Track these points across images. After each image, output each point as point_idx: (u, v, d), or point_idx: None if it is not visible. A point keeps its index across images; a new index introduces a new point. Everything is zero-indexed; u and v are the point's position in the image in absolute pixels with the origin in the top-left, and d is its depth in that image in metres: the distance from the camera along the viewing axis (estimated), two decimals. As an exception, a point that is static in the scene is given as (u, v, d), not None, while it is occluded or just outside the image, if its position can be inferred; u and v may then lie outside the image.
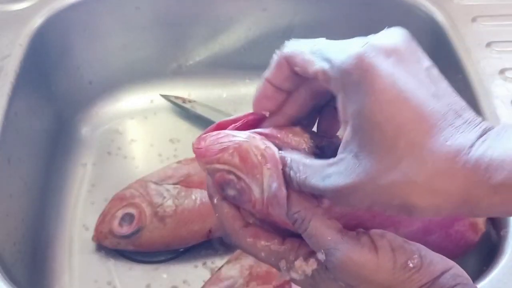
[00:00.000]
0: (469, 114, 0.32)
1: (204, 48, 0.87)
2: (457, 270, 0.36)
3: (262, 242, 0.38)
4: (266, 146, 0.36)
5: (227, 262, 0.64)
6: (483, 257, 0.58)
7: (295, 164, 0.36)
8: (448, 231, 0.53)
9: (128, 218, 0.68)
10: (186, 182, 0.69)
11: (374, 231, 0.36)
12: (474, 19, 0.75)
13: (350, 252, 0.35)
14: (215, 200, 0.39)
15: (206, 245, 0.70)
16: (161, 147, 0.81)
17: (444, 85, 0.34)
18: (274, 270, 0.60)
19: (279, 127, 0.39)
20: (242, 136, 0.37)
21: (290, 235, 0.38)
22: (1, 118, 0.64)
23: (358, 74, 0.32)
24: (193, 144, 0.38)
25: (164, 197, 0.68)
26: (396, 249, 0.35)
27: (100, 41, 0.82)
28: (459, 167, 0.30)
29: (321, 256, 0.36)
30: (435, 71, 0.34)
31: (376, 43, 0.33)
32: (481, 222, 0.57)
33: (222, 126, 0.39)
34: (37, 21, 0.74)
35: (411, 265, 0.35)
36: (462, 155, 0.30)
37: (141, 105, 0.86)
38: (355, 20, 0.83)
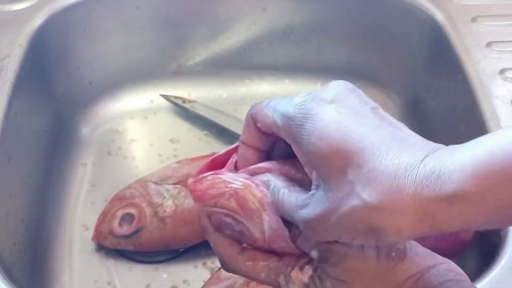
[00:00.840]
0: (416, 138, 0.33)
1: (204, 48, 0.87)
2: (449, 266, 0.37)
3: (261, 263, 0.39)
4: (263, 194, 0.37)
5: (227, 262, 0.64)
6: (483, 257, 0.58)
7: (276, 190, 0.37)
8: (442, 234, 0.53)
9: (128, 218, 0.68)
10: (186, 182, 0.69)
11: None
12: (474, 19, 0.75)
13: (339, 246, 0.36)
14: (209, 232, 0.41)
15: (206, 245, 0.69)
16: (161, 147, 0.81)
17: (390, 119, 0.35)
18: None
19: (283, 160, 0.39)
20: (238, 183, 0.38)
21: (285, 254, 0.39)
22: (1, 118, 0.64)
23: (299, 118, 0.34)
24: (188, 185, 0.39)
25: (164, 197, 0.68)
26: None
27: (100, 41, 0.82)
28: (409, 183, 0.31)
29: (314, 253, 0.37)
30: (382, 111, 0.35)
31: (318, 94, 0.35)
32: None
33: (216, 164, 0.40)
34: (37, 21, 0.74)
35: (393, 254, 0.36)
36: (411, 171, 0.31)
37: (141, 105, 0.86)
38: (355, 20, 0.83)
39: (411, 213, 0.31)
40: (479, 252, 0.61)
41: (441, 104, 0.76)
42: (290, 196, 0.36)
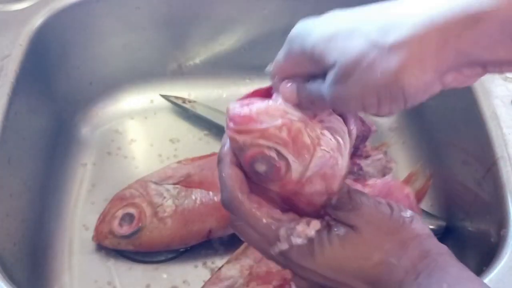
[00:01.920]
0: None
1: (204, 48, 0.87)
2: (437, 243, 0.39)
3: (265, 209, 0.38)
4: (321, 133, 0.37)
5: (227, 262, 0.64)
6: (483, 257, 0.58)
7: (299, 86, 0.38)
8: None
9: (128, 218, 0.68)
10: (186, 182, 0.69)
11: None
12: (474, 19, 0.75)
13: (359, 194, 0.38)
14: (224, 162, 0.39)
15: (206, 245, 0.70)
16: (161, 147, 0.81)
17: None
18: (274, 270, 0.60)
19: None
20: (297, 114, 0.37)
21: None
22: (1, 118, 0.64)
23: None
24: (228, 109, 0.37)
25: (164, 197, 0.68)
26: (392, 203, 0.39)
27: (100, 41, 0.82)
28: (425, 9, 0.32)
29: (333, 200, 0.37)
30: None
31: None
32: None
33: (262, 94, 0.39)
34: (37, 21, 0.74)
35: (403, 214, 0.38)
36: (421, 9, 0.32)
37: (141, 105, 0.86)
38: (355, 20, 0.83)
39: (430, 41, 0.31)
40: (479, 252, 0.61)
41: (441, 104, 0.76)
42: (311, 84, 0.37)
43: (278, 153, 0.36)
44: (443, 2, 0.31)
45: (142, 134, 0.84)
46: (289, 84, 0.38)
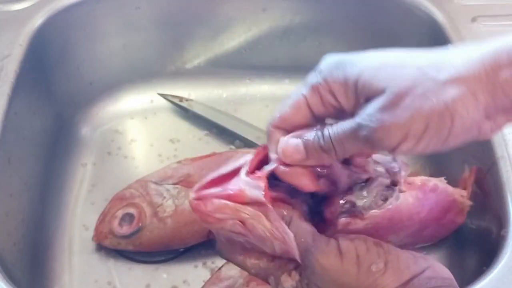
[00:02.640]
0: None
1: (204, 48, 0.87)
2: (431, 272, 0.37)
3: (253, 260, 0.40)
4: (274, 226, 0.37)
5: (227, 262, 0.64)
6: (483, 257, 0.58)
7: (325, 126, 0.37)
8: (440, 222, 0.54)
9: (128, 218, 0.68)
10: (186, 182, 0.69)
11: (344, 237, 0.38)
12: (474, 19, 0.75)
13: (318, 256, 0.37)
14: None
15: (206, 245, 0.70)
16: (161, 147, 0.81)
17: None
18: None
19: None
20: (246, 212, 0.37)
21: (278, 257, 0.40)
22: (1, 118, 0.64)
23: (339, 59, 0.37)
24: (190, 202, 0.38)
25: (164, 197, 0.68)
26: (361, 255, 0.37)
27: (100, 41, 0.82)
28: (475, 58, 0.33)
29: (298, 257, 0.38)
30: None
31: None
32: (466, 206, 0.58)
33: (217, 182, 0.38)
34: (37, 21, 0.74)
35: (374, 269, 0.36)
36: (475, 50, 0.34)
37: (141, 105, 0.86)
38: (355, 20, 0.83)
39: (485, 79, 0.32)
40: (479, 252, 0.61)
41: (441, 104, 0.76)
42: (344, 121, 0.36)
43: (245, 239, 0.38)
44: (490, 44, 0.34)
45: (142, 134, 0.84)
46: (291, 139, 0.38)
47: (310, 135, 0.37)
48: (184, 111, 0.84)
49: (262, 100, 0.87)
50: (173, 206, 0.68)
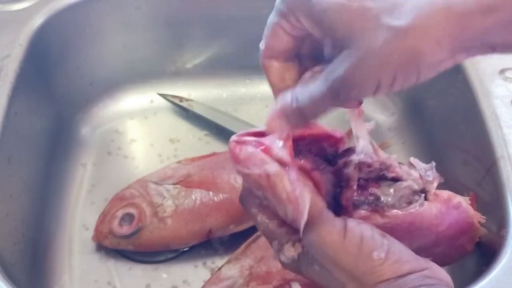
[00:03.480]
0: None
1: (204, 48, 0.87)
2: (429, 272, 0.37)
3: (265, 218, 0.41)
4: (293, 189, 0.38)
5: (227, 262, 0.64)
6: (483, 257, 0.58)
7: (297, 91, 0.38)
8: (454, 243, 0.54)
9: (128, 218, 0.68)
10: (186, 182, 0.69)
11: (352, 219, 0.38)
12: (474, 19, 0.75)
13: (321, 229, 0.37)
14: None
15: (206, 245, 0.70)
16: (161, 147, 0.81)
17: None
18: (274, 270, 0.60)
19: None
20: (273, 167, 0.38)
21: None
22: (1, 118, 0.64)
23: None
24: (230, 143, 0.39)
25: (164, 197, 0.68)
26: (365, 238, 0.37)
27: (100, 41, 0.82)
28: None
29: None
30: None
31: None
32: (478, 235, 0.58)
33: (258, 134, 0.40)
34: (37, 21, 0.74)
35: (375, 256, 0.37)
36: None
37: (141, 105, 0.86)
38: (355, 20, 0.83)
39: (447, 25, 0.31)
40: (479, 252, 0.61)
41: (441, 104, 0.76)
42: (311, 83, 0.36)
43: (264, 195, 0.40)
44: None
45: (142, 134, 0.84)
46: (275, 117, 0.39)
47: (285, 105, 0.38)
48: (184, 111, 0.84)
49: (262, 100, 0.87)
50: (173, 206, 0.68)
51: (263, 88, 0.89)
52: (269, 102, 0.87)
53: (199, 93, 0.87)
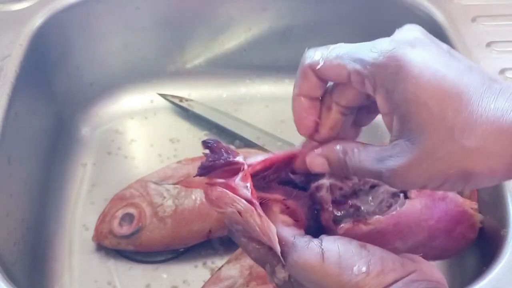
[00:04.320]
0: (501, 81, 0.34)
1: (204, 48, 0.87)
2: (416, 275, 0.37)
3: (254, 244, 0.41)
4: (262, 222, 0.39)
5: (227, 262, 0.64)
6: (483, 257, 0.58)
7: (350, 149, 0.38)
8: (451, 234, 0.54)
9: (128, 218, 0.68)
10: (186, 182, 0.69)
11: (328, 238, 0.38)
12: (474, 19, 0.75)
13: (299, 257, 0.37)
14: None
15: (206, 245, 0.70)
16: (161, 147, 0.81)
17: (468, 61, 0.35)
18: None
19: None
20: (242, 204, 0.39)
21: None
22: (1, 118, 0.64)
23: (393, 66, 0.34)
24: (204, 189, 0.41)
25: (164, 197, 0.68)
26: (343, 255, 0.37)
27: (100, 41, 0.82)
28: (506, 127, 0.32)
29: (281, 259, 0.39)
30: (455, 51, 0.36)
31: (400, 38, 0.36)
32: (477, 221, 0.58)
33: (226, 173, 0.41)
34: (37, 21, 0.74)
35: (356, 271, 0.36)
36: (507, 116, 0.32)
37: (141, 105, 0.86)
38: (354, 20, 0.83)
39: (507, 157, 0.32)
40: (479, 252, 0.61)
41: (441, 104, 0.76)
42: (366, 151, 0.37)
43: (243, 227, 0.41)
44: None
45: (142, 134, 0.84)
46: (318, 156, 0.40)
47: (333, 156, 0.39)
48: (184, 111, 0.84)
49: (262, 100, 0.87)
50: (173, 206, 0.68)
51: (263, 88, 0.89)
52: (269, 102, 0.87)
53: (199, 93, 0.87)
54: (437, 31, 0.75)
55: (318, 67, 0.38)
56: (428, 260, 0.42)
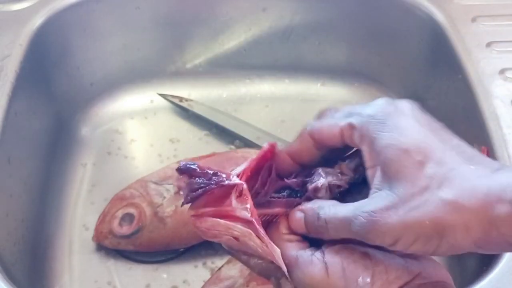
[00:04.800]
0: (484, 158, 0.35)
1: (204, 48, 0.87)
2: (421, 278, 0.37)
3: (255, 260, 0.40)
4: (263, 244, 0.38)
5: (227, 262, 0.64)
6: (483, 257, 0.58)
7: (327, 205, 0.38)
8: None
9: (128, 218, 0.68)
10: (186, 182, 0.69)
11: (330, 249, 0.38)
12: (474, 19, 0.75)
13: (304, 274, 0.37)
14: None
15: (206, 245, 0.70)
16: (161, 147, 0.81)
17: (458, 139, 0.37)
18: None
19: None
20: (237, 229, 0.38)
21: None
22: (1, 118, 0.64)
23: (382, 115, 0.36)
24: (192, 222, 0.39)
25: (164, 197, 0.68)
26: (347, 267, 0.36)
27: (100, 41, 0.82)
28: (484, 188, 0.32)
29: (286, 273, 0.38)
30: (449, 131, 0.37)
31: (393, 102, 0.38)
32: None
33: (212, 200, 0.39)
34: (37, 21, 0.74)
35: (360, 283, 0.36)
36: (486, 179, 0.33)
37: (141, 105, 0.86)
38: (355, 20, 0.83)
39: (483, 214, 0.32)
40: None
41: (441, 104, 0.76)
42: (343, 205, 0.37)
43: (242, 250, 0.40)
44: (502, 176, 0.33)
45: (142, 134, 0.84)
46: (297, 213, 0.39)
47: (309, 211, 0.38)
48: (184, 111, 0.84)
49: (262, 100, 0.87)
50: (173, 206, 0.68)
51: (263, 88, 0.89)
52: (269, 102, 0.87)
53: (199, 93, 0.87)
54: (437, 31, 0.75)
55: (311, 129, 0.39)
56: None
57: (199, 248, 0.70)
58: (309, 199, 0.41)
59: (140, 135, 0.83)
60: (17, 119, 0.67)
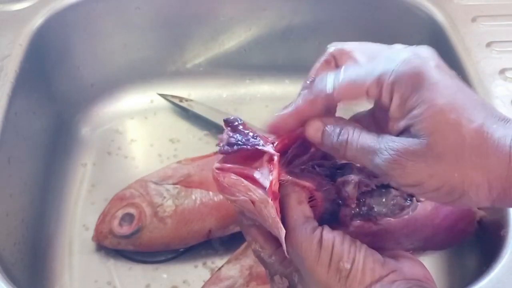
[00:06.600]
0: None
1: (204, 48, 0.87)
2: (395, 275, 0.38)
3: (256, 247, 0.42)
4: (275, 216, 0.38)
5: (227, 262, 0.64)
6: (483, 257, 0.58)
7: (351, 125, 0.38)
8: (452, 230, 0.54)
9: (128, 218, 0.68)
10: (186, 182, 0.69)
11: (328, 229, 0.39)
12: (474, 19, 0.75)
13: (303, 238, 0.38)
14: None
15: (206, 245, 0.70)
16: (161, 147, 0.81)
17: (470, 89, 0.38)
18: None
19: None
20: (258, 194, 0.38)
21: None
22: (1, 118, 0.64)
23: (413, 73, 0.36)
24: (213, 169, 0.39)
25: (164, 197, 0.68)
26: (336, 245, 0.38)
27: (100, 41, 0.82)
28: (507, 150, 0.33)
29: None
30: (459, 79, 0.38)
31: (417, 50, 0.38)
32: (477, 216, 0.58)
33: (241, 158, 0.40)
34: (37, 21, 0.74)
35: (340, 266, 0.37)
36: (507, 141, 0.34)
37: (141, 105, 0.86)
38: (354, 20, 0.83)
39: (504, 174, 0.34)
40: (479, 252, 0.61)
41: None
42: (367, 132, 0.37)
43: (253, 216, 0.40)
44: None
45: (142, 134, 0.84)
46: (316, 122, 0.39)
47: (330, 127, 0.38)
48: (184, 111, 0.84)
49: (262, 100, 0.87)
50: (173, 206, 0.68)
51: (263, 88, 0.89)
52: (269, 102, 0.87)
53: (199, 93, 0.87)
54: (437, 31, 0.75)
55: (331, 92, 0.38)
56: (425, 251, 0.43)
57: (199, 248, 0.70)
58: (338, 190, 0.41)
59: (140, 135, 0.83)
60: (17, 119, 0.67)
